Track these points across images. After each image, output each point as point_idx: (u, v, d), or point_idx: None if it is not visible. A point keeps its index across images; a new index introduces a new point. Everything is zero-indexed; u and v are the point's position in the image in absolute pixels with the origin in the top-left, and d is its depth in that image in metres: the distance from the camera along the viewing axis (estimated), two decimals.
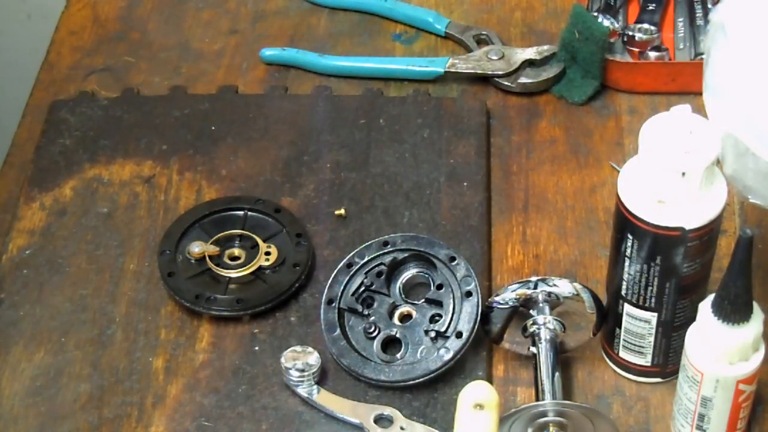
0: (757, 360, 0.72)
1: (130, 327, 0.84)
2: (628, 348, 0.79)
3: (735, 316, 0.70)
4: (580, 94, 0.99)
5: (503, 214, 0.92)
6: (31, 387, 0.81)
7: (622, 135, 0.97)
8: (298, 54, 1.04)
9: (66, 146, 0.96)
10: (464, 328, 0.80)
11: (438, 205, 0.91)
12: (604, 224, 0.90)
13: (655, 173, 0.71)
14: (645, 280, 0.75)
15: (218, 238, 0.87)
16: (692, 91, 0.94)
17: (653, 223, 0.72)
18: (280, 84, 1.02)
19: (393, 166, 0.94)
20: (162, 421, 0.79)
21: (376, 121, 0.98)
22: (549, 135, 0.97)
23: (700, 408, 0.74)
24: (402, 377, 0.79)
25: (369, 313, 0.82)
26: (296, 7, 1.09)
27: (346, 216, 0.90)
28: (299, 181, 0.93)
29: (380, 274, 0.84)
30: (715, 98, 0.72)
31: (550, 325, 0.79)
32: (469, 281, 0.81)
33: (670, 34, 1.04)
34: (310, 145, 0.96)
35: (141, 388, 0.81)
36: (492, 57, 1.01)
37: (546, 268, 0.88)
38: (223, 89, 1.01)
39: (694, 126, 0.71)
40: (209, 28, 1.07)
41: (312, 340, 0.82)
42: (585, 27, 0.97)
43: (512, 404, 0.79)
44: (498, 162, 0.95)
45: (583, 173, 0.94)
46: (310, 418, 0.79)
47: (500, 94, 1.01)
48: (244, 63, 1.05)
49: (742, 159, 0.70)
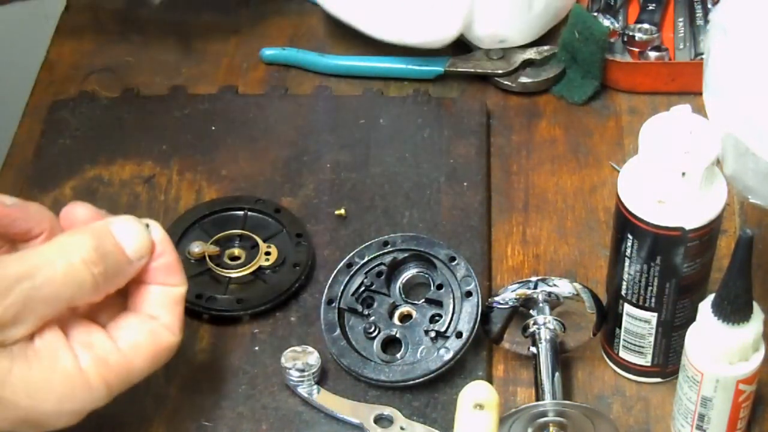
0: (757, 360, 0.72)
1: None
2: (628, 348, 0.79)
3: (735, 316, 0.70)
4: (580, 94, 0.99)
5: (503, 214, 0.92)
6: None
7: (622, 135, 0.97)
8: (298, 54, 1.04)
9: (66, 146, 0.96)
10: (464, 328, 0.80)
11: (438, 205, 0.91)
12: (604, 224, 0.90)
13: (655, 173, 0.71)
14: (645, 280, 0.75)
15: (218, 238, 0.87)
16: (692, 91, 0.94)
17: (653, 223, 0.72)
18: (280, 84, 1.02)
19: (393, 166, 0.94)
20: (162, 421, 0.79)
21: (376, 121, 0.98)
22: (549, 135, 0.97)
23: (700, 408, 0.74)
24: (402, 377, 0.79)
25: (369, 313, 0.82)
26: (296, 7, 1.09)
27: (346, 216, 0.90)
28: (299, 181, 0.93)
29: (380, 274, 0.84)
30: (715, 98, 0.72)
31: (550, 325, 0.79)
32: (469, 281, 0.81)
33: (670, 34, 1.04)
34: (310, 145, 0.96)
35: (141, 388, 0.81)
36: (492, 57, 1.01)
37: (546, 268, 0.88)
38: (223, 89, 1.01)
39: (694, 126, 0.71)
40: (209, 28, 1.07)
41: (312, 340, 0.82)
42: (585, 27, 0.97)
43: (512, 404, 0.79)
44: (498, 162, 0.95)
45: (583, 173, 0.94)
46: (310, 418, 0.79)
47: (500, 94, 1.01)
48: (244, 63, 1.05)
49: (742, 159, 0.70)
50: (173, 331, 0.72)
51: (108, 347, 0.69)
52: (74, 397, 0.68)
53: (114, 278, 0.70)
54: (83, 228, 0.70)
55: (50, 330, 0.68)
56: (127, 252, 0.70)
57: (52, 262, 0.67)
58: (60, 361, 0.67)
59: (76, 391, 0.68)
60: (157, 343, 0.71)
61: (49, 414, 0.68)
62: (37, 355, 0.67)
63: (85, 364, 0.68)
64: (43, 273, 0.66)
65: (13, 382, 0.66)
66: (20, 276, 0.65)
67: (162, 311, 0.72)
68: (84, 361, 0.68)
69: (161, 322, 0.72)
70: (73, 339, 0.69)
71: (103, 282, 0.69)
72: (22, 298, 0.65)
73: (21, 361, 0.66)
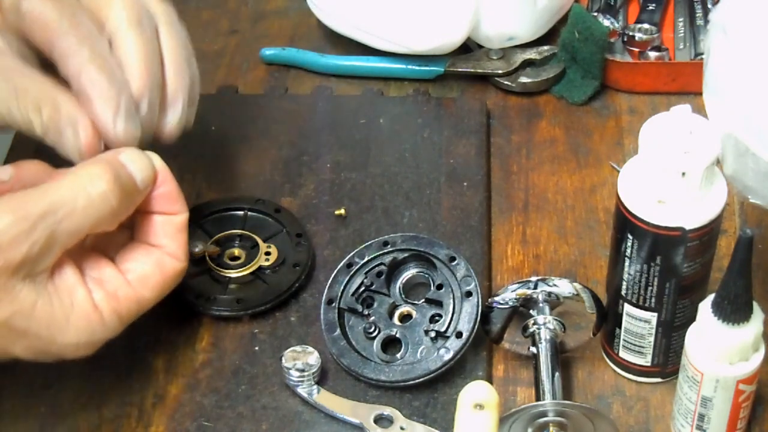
0: (757, 360, 0.72)
1: (130, 327, 0.84)
2: (628, 348, 0.79)
3: (735, 316, 0.70)
4: (580, 94, 0.99)
5: (503, 214, 0.92)
6: (31, 387, 0.81)
7: (622, 135, 0.97)
8: (298, 54, 1.04)
9: None
10: (464, 328, 0.80)
11: (438, 205, 0.91)
12: (604, 224, 0.90)
13: (655, 173, 0.71)
14: (645, 280, 0.75)
15: (218, 238, 0.87)
16: (692, 91, 0.94)
17: (653, 223, 0.72)
18: (280, 84, 1.02)
19: (393, 166, 0.94)
20: (162, 421, 0.79)
21: (376, 121, 0.98)
22: (549, 135, 0.98)
23: (700, 408, 0.74)
24: (402, 377, 0.79)
25: (369, 313, 0.82)
26: (296, 7, 1.09)
27: (346, 216, 0.90)
28: (299, 181, 0.93)
29: (380, 274, 0.84)
30: (715, 98, 0.72)
31: (550, 325, 0.79)
32: (469, 281, 0.81)
33: (670, 34, 1.04)
34: (310, 145, 0.96)
35: (141, 387, 0.81)
36: (492, 57, 1.01)
37: (546, 268, 0.88)
38: (223, 89, 1.01)
39: (694, 126, 0.71)
40: (209, 28, 1.08)
41: (312, 340, 0.82)
42: (585, 27, 0.97)
43: (512, 404, 0.79)
44: (498, 162, 0.96)
45: (583, 173, 0.94)
46: (310, 418, 0.79)
47: (500, 94, 1.01)
48: (244, 63, 1.05)
49: (742, 159, 0.70)
50: (179, 258, 0.76)
51: (118, 282, 0.74)
52: (90, 330, 0.72)
53: (128, 207, 0.74)
54: (96, 159, 0.73)
55: (67, 266, 0.72)
56: (137, 181, 0.74)
57: (73, 196, 0.71)
58: (76, 298, 0.71)
59: (91, 324, 0.72)
60: (164, 273, 0.75)
61: (68, 345, 0.72)
62: (57, 291, 0.71)
63: (99, 299, 0.72)
64: (66, 207, 0.70)
65: (36, 315, 0.70)
66: (45, 212, 0.69)
67: (166, 240, 0.76)
68: (97, 297, 0.72)
69: (166, 251, 0.76)
70: (86, 275, 0.73)
71: (119, 211, 0.73)
72: (47, 233, 0.69)
73: (44, 296, 0.70)
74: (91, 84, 0.74)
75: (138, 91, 0.76)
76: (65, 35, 0.74)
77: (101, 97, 0.74)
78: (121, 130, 0.74)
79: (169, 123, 0.80)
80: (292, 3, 1.10)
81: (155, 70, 0.78)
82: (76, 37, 0.74)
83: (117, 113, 0.74)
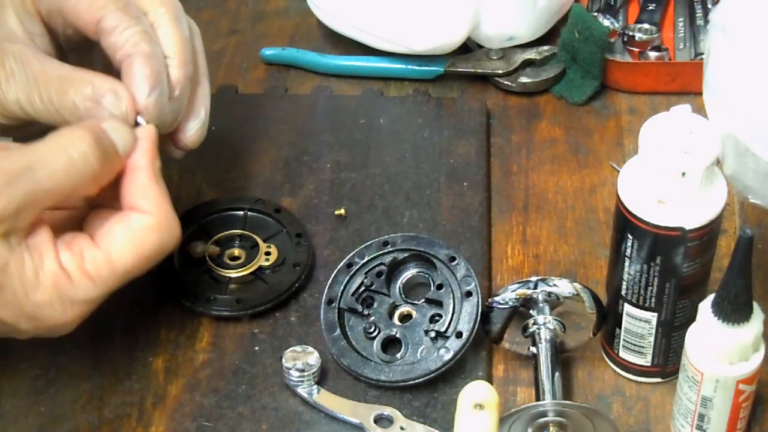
0: (757, 360, 0.72)
1: (130, 327, 0.84)
2: (628, 348, 0.79)
3: (735, 316, 0.70)
4: (580, 94, 0.99)
5: (503, 214, 0.92)
6: (31, 387, 0.81)
7: (622, 135, 0.97)
8: (298, 54, 1.04)
9: None
10: (464, 328, 0.80)
11: (438, 205, 0.91)
12: (604, 224, 0.90)
13: (655, 173, 0.71)
14: (645, 280, 0.75)
15: (218, 238, 0.87)
16: (692, 91, 0.94)
17: (653, 223, 0.72)
18: (280, 84, 1.02)
19: (393, 166, 0.94)
20: (162, 421, 0.79)
21: (376, 121, 0.98)
22: (549, 135, 0.97)
23: (700, 408, 0.74)
24: (402, 377, 0.79)
25: (369, 313, 0.82)
26: (296, 7, 1.09)
27: (346, 216, 0.90)
28: (299, 181, 0.93)
29: (380, 274, 0.84)
30: (715, 98, 0.72)
31: (550, 325, 0.79)
32: (469, 281, 0.81)
33: (670, 34, 1.04)
34: (310, 145, 0.96)
35: (141, 388, 0.81)
36: (492, 57, 1.01)
37: (546, 268, 0.88)
38: (223, 89, 1.01)
39: (694, 126, 0.71)
40: (209, 27, 1.07)
41: (312, 340, 0.82)
42: (585, 27, 0.97)
43: (512, 404, 0.79)
44: (498, 162, 0.95)
45: (583, 173, 0.94)
46: (310, 418, 0.79)
47: (500, 94, 1.01)
48: (244, 63, 1.05)
49: (742, 159, 0.70)
50: (149, 212, 0.74)
51: (83, 242, 0.72)
52: (59, 289, 0.71)
53: (108, 173, 0.74)
54: (80, 125, 0.73)
55: (42, 228, 0.71)
56: (119, 147, 0.74)
57: (54, 156, 0.70)
58: (46, 257, 0.71)
59: (59, 282, 0.71)
60: (132, 229, 0.74)
61: (41, 304, 0.71)
62: (28, 249, 0.70)
63: (65, 258, 0.71)
64: (45, 167, 0.70)
65: (10, 271, 0.70)
66: (23, 169, 0.69)
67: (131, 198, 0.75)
68: (64, 256, 0.71)
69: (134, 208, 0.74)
70: (58, 238, 0.72)
71: (100, 174, 0.73)
72: (24, 190, 0.69)
73: (17, 254, 0.70)
74: (137, 49, 0.75)
75: (175, 78, 0.77)
76: (115, 12, 0.75)
77: (144, 66, 0.75)
78: (152, 104, 0.75)
79: (192, 129, 0.81)
80: (292, 3, 1.10)
81: (190, 67, 0.79)
82: (126, 15, 0.75)
83: (154, 88, 0.75)
